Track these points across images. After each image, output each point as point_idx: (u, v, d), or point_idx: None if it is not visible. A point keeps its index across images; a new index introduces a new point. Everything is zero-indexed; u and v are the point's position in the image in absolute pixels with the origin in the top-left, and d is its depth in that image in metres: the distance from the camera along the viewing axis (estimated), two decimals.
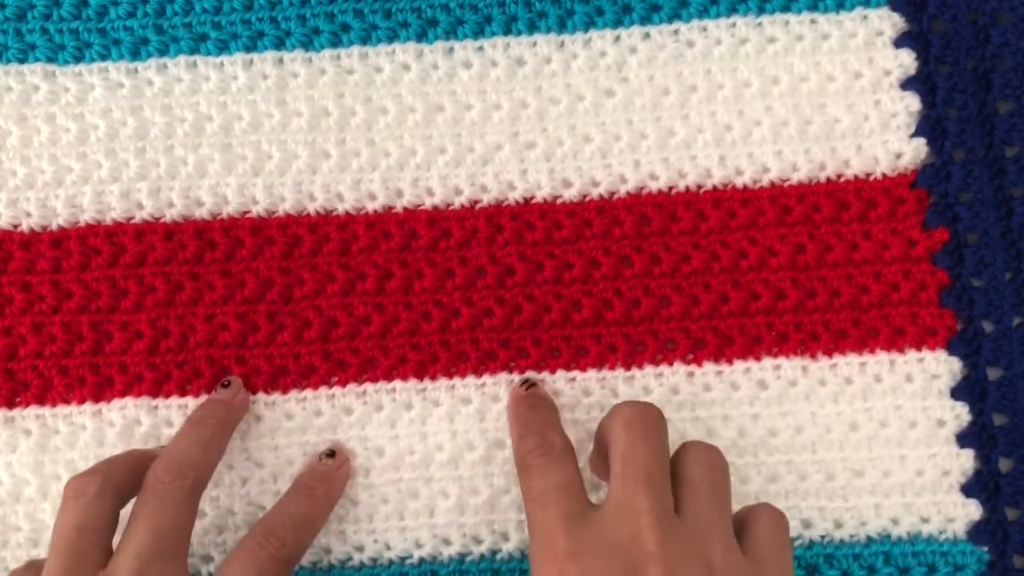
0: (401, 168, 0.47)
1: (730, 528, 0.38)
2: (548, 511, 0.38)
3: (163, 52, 0.48)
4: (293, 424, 0.46)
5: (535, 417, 0.43)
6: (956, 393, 0.46)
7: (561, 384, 0.46)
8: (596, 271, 0.47)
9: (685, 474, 0.38)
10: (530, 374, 0.46)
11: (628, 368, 0.46)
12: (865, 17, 0.48)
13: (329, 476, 0.44)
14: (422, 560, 0.45)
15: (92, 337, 0.46)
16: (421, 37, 0.48)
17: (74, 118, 0.47)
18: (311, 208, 0.47)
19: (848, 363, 0.46)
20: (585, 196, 0.47)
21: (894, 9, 0.48)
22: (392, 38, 0.48)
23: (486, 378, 0.46)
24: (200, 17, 0.48)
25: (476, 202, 0.47)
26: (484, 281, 0.46)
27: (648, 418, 0.39)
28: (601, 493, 0.45)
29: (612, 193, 0.47)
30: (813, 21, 0.48)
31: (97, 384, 0.46)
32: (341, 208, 0.47)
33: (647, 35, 0.48)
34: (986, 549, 0.45)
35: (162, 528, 0.38)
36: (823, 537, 0.45)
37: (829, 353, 0.46)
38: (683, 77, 0.48)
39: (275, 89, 0.48)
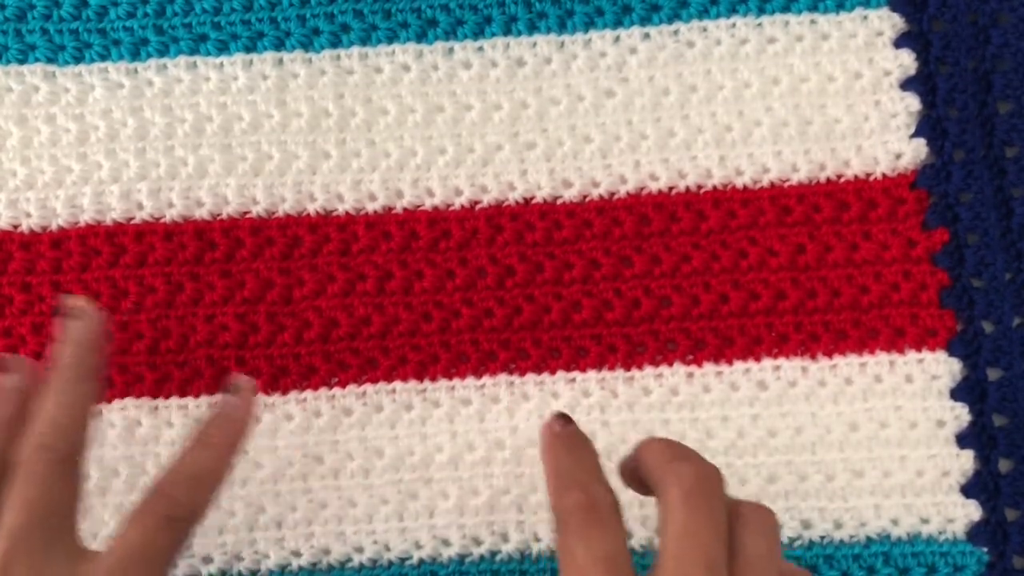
0: (401, 169, 0.47)
1: None
2: None
3: (163, 53, 0.48)
4: (293, 425, 0.46)
5: (576, 463, 0.37)
6: (956, 394, 0.46)
7: (561, 385, 0.46)
8: (596, 272, 0.47)
9: (742, 544, 0.34)
10: (530, 376, 0.46)
11: (628, 369, 0.46)
12: (865, 17, 0.48)
13: (228, 418, 0.39)
14: (422, 561, 0.45)
15: None
16: (421, 38, 0.48)
17: (74, 119, 0.47)
18: (311, 209, 0.47)
19: (848, 364, 0.46)
20: (585, 196, 0.47)
21: (894, 9, 0.48)
22: (392, 39, 0.48)
23: (486, 379, 0.46)
24: (200, 18, 0.48)
25: (476, 203, 0.47)
26: (484, 282, 0.46)
27: (711, 487, 0.34)
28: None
29: (612, 193, 0.47)
30: (813, 22, 0.48)
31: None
32: (341, 209, 0.47)
33: (647, 35, 0.48)
34: (986, 550, 0.45)
35: (33, 504, 0.35)
36: (823, 538, 0.45)
37: (829, 354, 0.46)
38: (683, 77, 0.48)
39: (275, 90, 0.48)
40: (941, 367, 0.46)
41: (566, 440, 0.38)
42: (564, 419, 0.39)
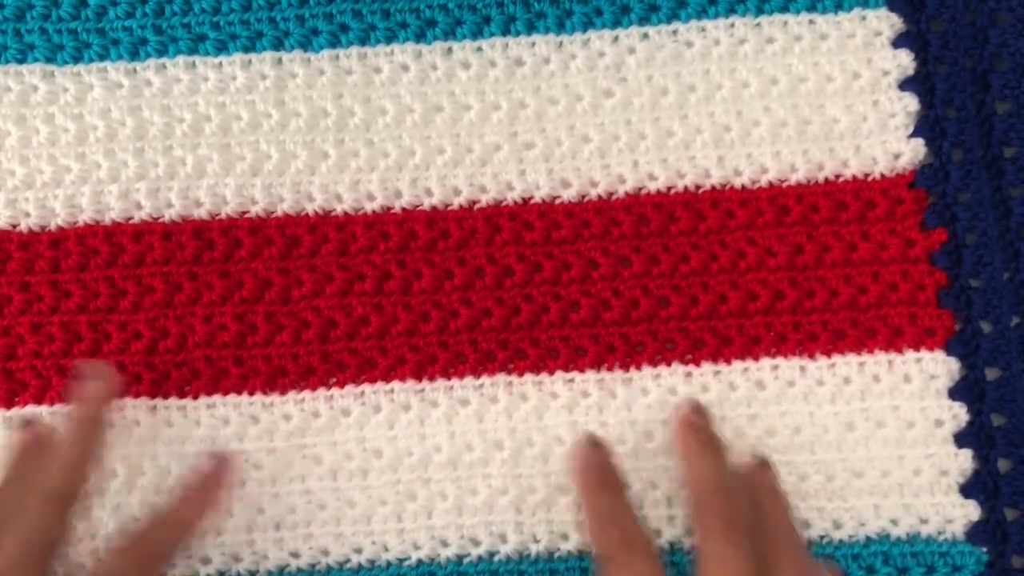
0: (400, 168, 0.47)
1: None
2: None
3: (162, 52, 0.48)
4: (291, 426, 0.46)
5: (612, 504, 0.42)
6: (954, 393, 0.46)
7: (559, 385, 0.46)
8: (594, 271, 0.47)
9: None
10: (529, 376, 0.46)
11: (626, 369, 0.46)
12: (863, 17, 0.48)
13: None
14: (420, 562, 0.45)
15: (91, 337, 0.46)
16: (420, 38, 0.48)
17: (73, 118, 0.47)
18: (310, 208, 0.47)
19: (846, 363, 0.46)
20: (584, 196, 0.47)
21: (892, 9, 0.48)
22: (391, 38, 0.48)
23: (484, 379, 0.46)
24: (199, 17, 0.48)
25: (475, 202, 0.47)
26: (482, 282, 0.46)
27: (737, 522, 0.39)
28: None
29: (611, 193, 0.47)
30: (811, 21, 0.48)
31: None
32: (340, 208, 0.47)
33: (645, 35, 0.48)
34: (985, 549, 0.45)
35: (24, 540, 0.39)
36: (822, 537, 0.45)
37: (827, 353, 0.46)
38: (682, 77, 0.48)
39: (274, 89, 0.48)
40: (939, 367, 0.46)
41: (599, 475, 0.43)
42: (595, 445, 0.44)
